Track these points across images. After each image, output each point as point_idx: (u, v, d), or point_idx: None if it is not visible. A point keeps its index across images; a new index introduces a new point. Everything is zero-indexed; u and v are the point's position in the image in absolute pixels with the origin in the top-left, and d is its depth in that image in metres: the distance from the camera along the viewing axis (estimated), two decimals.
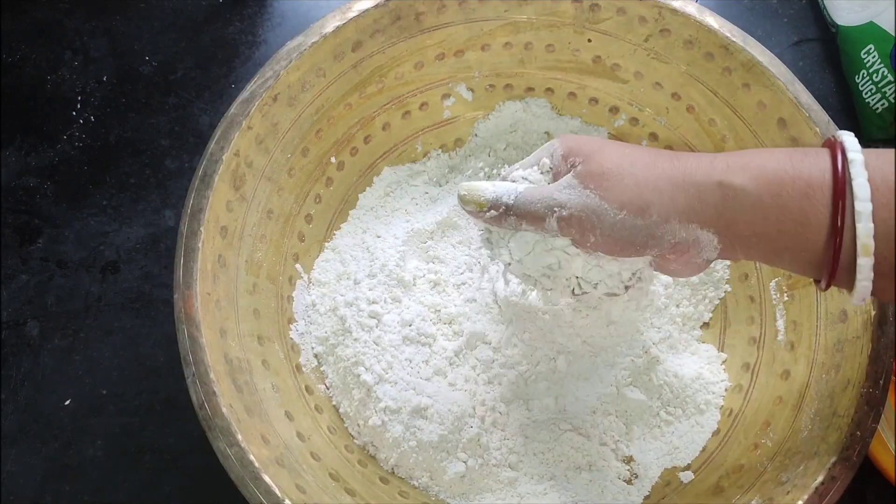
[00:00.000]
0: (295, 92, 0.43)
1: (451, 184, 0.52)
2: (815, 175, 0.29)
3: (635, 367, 0.45)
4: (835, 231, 0.29)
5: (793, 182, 0.29)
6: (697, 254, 0.32)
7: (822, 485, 0.35)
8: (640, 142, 0.52)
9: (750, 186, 0.30)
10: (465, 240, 0.49)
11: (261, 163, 0.43)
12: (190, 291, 0.36)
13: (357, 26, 0.44)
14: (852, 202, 0.28)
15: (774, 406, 0.42)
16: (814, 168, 0.29)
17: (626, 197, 0.32)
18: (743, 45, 0.43)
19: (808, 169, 0.29)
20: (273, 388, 0.40)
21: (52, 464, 0.47)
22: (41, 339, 0.50)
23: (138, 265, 0.52)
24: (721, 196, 0.31)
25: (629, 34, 0.46)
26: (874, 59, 0.55)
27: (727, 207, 0.31)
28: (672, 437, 0.45)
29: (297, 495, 0.34)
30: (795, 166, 0.30)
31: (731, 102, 0.45)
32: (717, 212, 0.31)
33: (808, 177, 0.29)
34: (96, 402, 0.48)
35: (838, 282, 0.30)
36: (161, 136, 0.56)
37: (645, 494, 0.43)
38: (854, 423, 0.36)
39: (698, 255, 0.32)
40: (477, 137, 0.53)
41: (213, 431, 0.34)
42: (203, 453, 0.35)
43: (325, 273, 0.48)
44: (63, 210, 0.54)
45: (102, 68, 0.59)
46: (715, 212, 0.31)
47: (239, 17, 0.61)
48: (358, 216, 0.50)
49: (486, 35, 0.48)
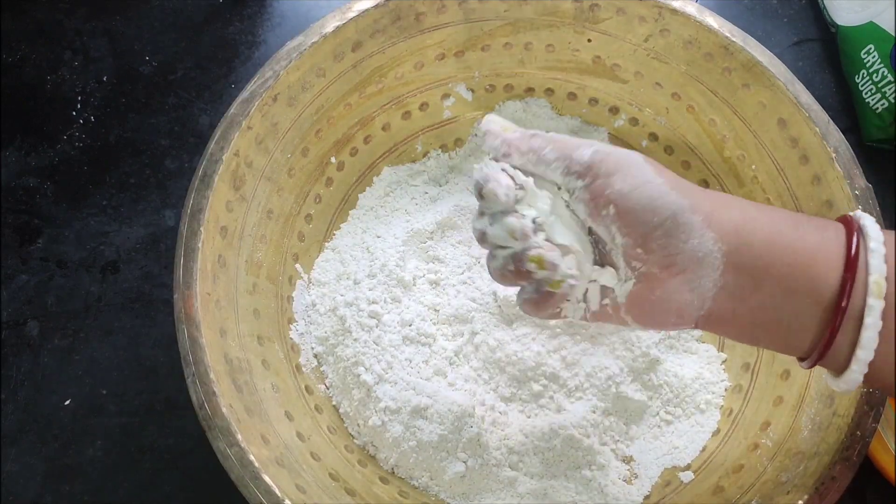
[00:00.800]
0: (295, 92, 0.43)
1: (451, 184, 0.52)
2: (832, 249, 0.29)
3: (635, 367, 0.45)
4: (831, 329, 0.28)
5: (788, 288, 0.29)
6: (694, 280, 0.30)
7: (822, 485, 0.35)
8: (639, 142, 0.52)
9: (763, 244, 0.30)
10: (465, 240, 0.49)
11: (261, 163, 0.43)
12: (190, 291, 0.36)
13: (357, 26, 0.44)
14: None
15: (774, 406, 0.42)
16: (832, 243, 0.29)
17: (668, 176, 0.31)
18: (743, 45, 0.43)
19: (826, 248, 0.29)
20: (273, 388, 0.40)
21: (52, 464, 0.47)
22: (41, 339, 0.50)
23: (138, 265, 0.52)
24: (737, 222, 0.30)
25: (629, 34, 0.46)
26: (874, 59, 0.55)
27: (742, 230, 0.30)
28: (672, 437, 0.45)
29: (297, 495, 0.34)
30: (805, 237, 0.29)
31: (731, 102, 0.45)
32: (734, 229, 0.30)
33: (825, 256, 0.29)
34: (96, 402, 0.48)
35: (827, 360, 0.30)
36: (161, 136, 0.56)
37: (645, 494, 0.43)
38: (854, 423, 0.36)
39: (691, 286, 0.30)
40: (477, 137, 0.53)
41: (213, 431, 0.34)
42: (203, 453, 0.35)
43: (325, 273, 0.48)
44: (63, 210, 0.54)
45: (102, 68, 0.59)
46: (732, 228, 0.30)
47: (239, 17, 0.61)
48: (358, 216, 0.50)
49: (486, 35, 0.48)
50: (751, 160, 0.46)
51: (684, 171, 0.51)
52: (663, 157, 0.51)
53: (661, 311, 0.31)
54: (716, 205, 0.30)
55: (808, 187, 0.42)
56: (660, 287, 0.31)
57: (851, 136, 0.55)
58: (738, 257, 0.30)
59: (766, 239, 0.30)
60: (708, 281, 0.30)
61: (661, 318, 0.32)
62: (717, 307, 0.30)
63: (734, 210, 0.30)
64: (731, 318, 0.31)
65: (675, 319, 0.31)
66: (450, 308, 0.46)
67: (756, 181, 0.46)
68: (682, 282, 0.30)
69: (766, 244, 0.30)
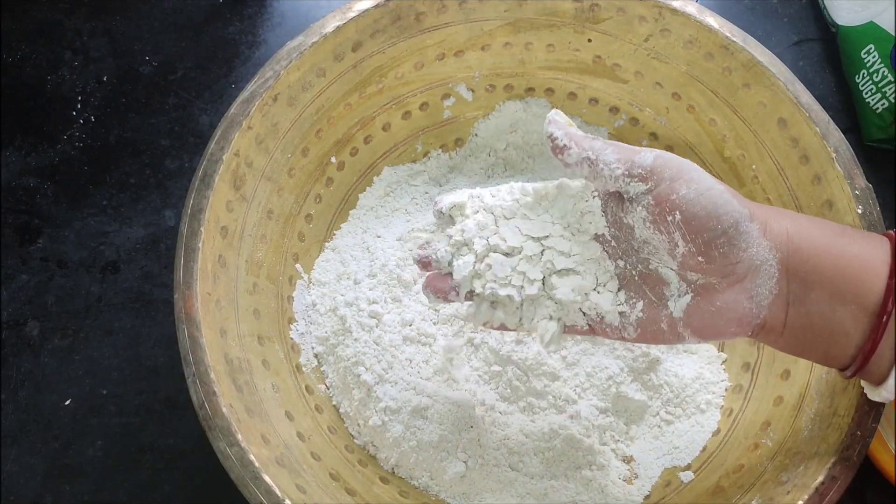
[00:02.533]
0: (295, 92, 0.43)
1: (451, 184, 0.52)
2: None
3: (635, 367, 0.45)
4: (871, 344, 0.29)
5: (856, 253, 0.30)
6: (752, 288, 0.31)
7: (822, 485, 0.35)
8: (640, 142, 0.52)
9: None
10: None
11: (261, 163, 0.43)
12: (190, 291, 0.36)
13: (357, 26, 0.44)
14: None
15: (774, 406, 0.42)
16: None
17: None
18: (743, 45, 0.43)
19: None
20: (273, 388, 0.40)
21: (52, 464, 0.47)
22: (41, 339, 0.50)
23: (138, 265, 0.52)
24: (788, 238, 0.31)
25: (629, 34, 0.46)
26: (874, 59, 0.55)
27: (794, 238, 0.31)
28: (672, 437, 0.45)
29: (297, 495, 0.34)
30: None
31: (732, 102, 0.45)
32: (788, 238, 0.31)
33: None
34: (96, 402, 0.48)
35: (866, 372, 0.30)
36: (161, 136, 0.56)
37: (645, 494, 0.43)
38: (854, 423, 0.36)
39: (749, 294, 0.31)
40: (477, 137, 0.53)
41: (213, 431, 0.34)
42: (203, 453, 0.36)
43: (326, 273, 0.48)
44: (63, 210, 0.54)
45: (102, 68, 0.59)
46: (785, 237, 0.31)
47: (239, 17, 0.61)
48: (358, 216, 0.50)
49: (486, 35, 0.48)
50: (751, 160, 0.46)
51: None
52: None
53: (722, 322, 0.32)
54: (769, 214, 0.31)
55: (808, 187, 0.42)
56: (720, 297, 0.31)
57: (851, 136, 0.55)
58: (791, 265, 0.31)
59: (816, 247, 0.30)
60: (764, 289, 0.31)
61: (722, 328, 0.32)
62: (772, 315, 0.31)
63: (785, 220, 0.31)
64: (782, 326, 0.31)
65: (735, 328, 0.32)
66: (450, 308, 0.46)
67: (756, 181, 0.46)
68: (740, 290, 0.31)
69: (816, 252, 0.30)
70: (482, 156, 0.53)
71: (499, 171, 0.52)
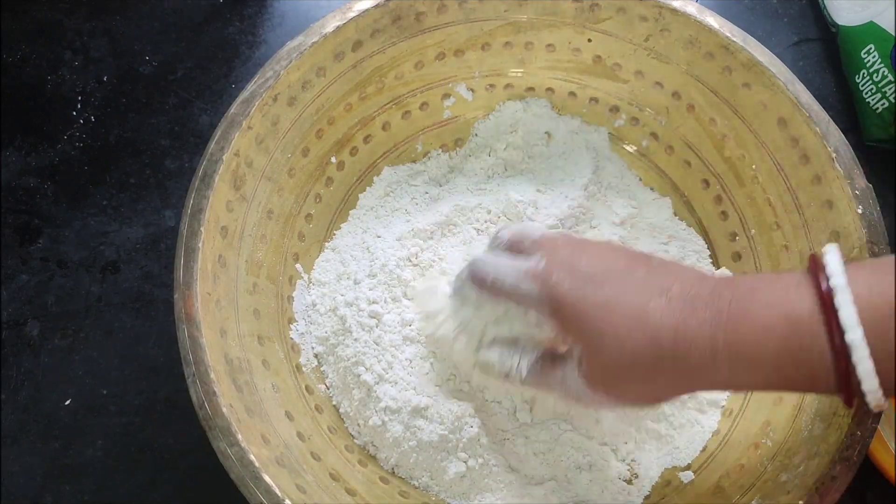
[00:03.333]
0: (295, 92, 0.43)
1: (451, 184, 0.52)
2: (815, 337, 0.28)
3: None
4: (838, 370, 0.28)
5: (796, 373, 0.29)
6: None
7: (822, 485, 0.35)
8: (640, 141, 0.52)
9: (759, 385, 0.31)
10: (465, 239, 0.49)
11: (261, 163, 0.43)
12: (190, 291, 0.36)
13: (357, 26, 0.44)
14: (842, 336, 0.27)
15: (774, 406, 0.42)
16: (812, 326, 0.28)
17: (640, 398, 0.33)
18: (743, 44, 0.43)
19: (807, 328, 0.28)
20: (273, 388, 0.40)
21: (52, 464, 0.47)
22: (41, 339, 0.50)
23: (138, 265, 0.52)
24: (727, 386, 0.32)
25: (629, 34, 0.46)
26: (874, 59, 0.55)
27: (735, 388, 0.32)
28: (672, 437, 0.45)
29: (297, 495, 0.34)
30: (796, 357, 0.29)
31: (732, 102, 0.45)
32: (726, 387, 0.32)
33: (809, 342, 0.28)
34: (96, 402, 0.48)
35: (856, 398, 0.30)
36: (161, 136, 0.56)
37: (645, 494, 0.43)
38: (854, 423, 0.36)
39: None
40: (477, 137, 0.53)
41: (213, 431, 0.34)
42: (203, 453, 0.35)
43: (326, 273, 0.48)
44: (63, 210, 0.54)
45: (102, 68, 0.59)
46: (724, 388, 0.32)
47: (239, 17, 0.61)
48: (358, 216, 0.50)
49: (486, 35, 0.48)
50: (751, 160, 0.46)
51: (684, 170, 0.51)
52: (663, 156, 0.51)
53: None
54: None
55: (808, 187, 0.42)
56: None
57: (851, 136, 0.55)
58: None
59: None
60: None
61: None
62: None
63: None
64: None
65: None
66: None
67: (756, 181, 0.46)
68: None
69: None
70: (482, 156, 0.53)
71: (499, 171, 0.52)
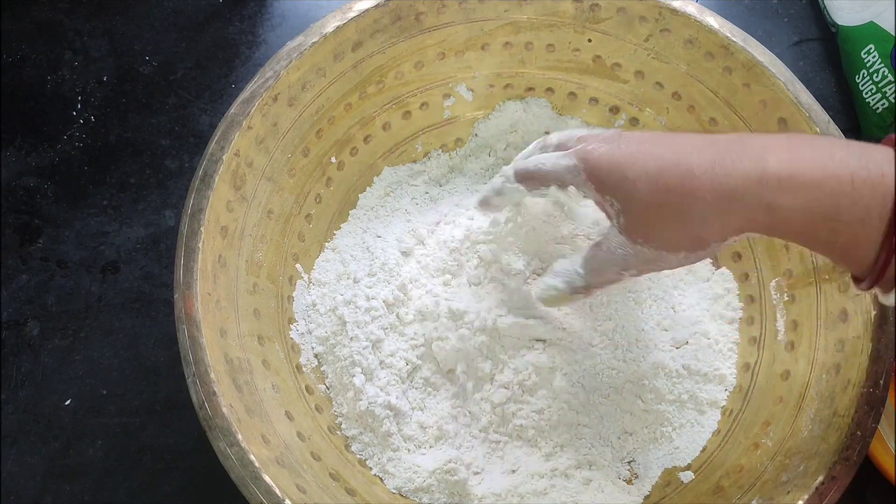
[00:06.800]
0: (295, 92, 0.43)
1: (451, 184, 0.52)
2: (874, 204, 0.27)
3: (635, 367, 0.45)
4: (887, 244, 0.27)
5: (849, 211, 0.28)
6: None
7: (822, 485, 0.35)
8: None
9: (802, 216, 0.29)
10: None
11: (261, 163, 0.43)
12: (190, 291, 0.36)
13: (357, 26, 0.44)
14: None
15: (774, 406, 0.42)
16: (875, 192, 0.27)
17: (679, 242, 0.32)
18: (743, 45, 0.43)
19: (870, 190, 0.27)
20: (273, 388, 0.40)
21: (52, 464, 0.47)
22: (41, 339, 0.50)
23: (138, 265, 0.52)
24: (770, 219, 0.30)
25: (629, 34, 0.46)
26: (874, 59, 0.55)
27: (776, 228, 0.30)
28: (672, 437, 0.45)
29: (297, 495, 0.34)
30: (856, 188, 0.27)
31: (732, 102, 0.45)
32: (767, 228, 0.30)
33: (867, 205, 0.27)
34: (96, 402, 0.48)
35: (882, 282, 0.29)
36: (161, 136, 0.56)
37: (645, 494, 0.43)
38: (854, 423, 0.36)
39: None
40: (477, 137, 0.53)
41: (214, 431, 0.34)
42: (203, 453, 0.36)
43: (326, 273, 0.48)
44: (63, 210, 0.54)
45: (102, 68, 0.59)
46: (764, 228, 0.30)
47: (239, 17, 0.61)
48: (358, 216, 0.50)
49: (486, 35, 0.48)
50: None
51: None
52: None
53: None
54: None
55: None
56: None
57: (851, 136, 0.55)
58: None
59: (808, 203, 0.29)
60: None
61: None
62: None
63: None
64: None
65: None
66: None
67: None
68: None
69: (808, 210, 0.29)
70: (482, 156, 0.53)
71: (499, 171, 0.52)
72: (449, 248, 0.46)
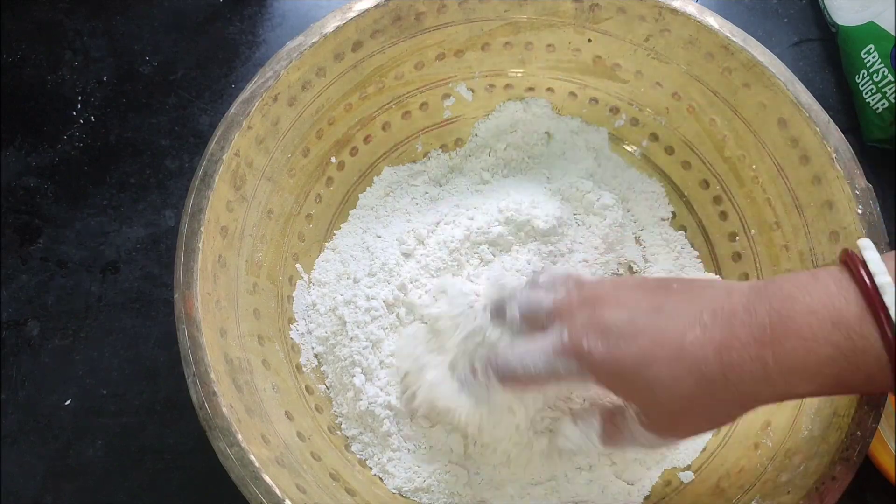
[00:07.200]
0: (295, 92, 0.43)
1: (451, 184, 0.52)
2: (867, 339, 0.28)
3: None
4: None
5: (854, 377, 0.29)
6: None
7: (822, 485, 0.35)
8: (640, 142, 0.52)
9: (815, 391, 0.30)
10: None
11: (261, 163, 0.43)
12: (190, 291, 0.36)
13: (357, 26, 0.44)
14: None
15: (774, 406, 0.42)
16: (868, 350, 0.28)
17: (703, 428, 0.34)
18: (743, 45, 0.43)
19: (862, 356, 0.28)
20: (273, 388, 0.40)
21: (52, 464, 0.47)
22: (41, 339, 0.50)
23: (138, 265, 0.52)
24: (789, 397, 0.31)
25: (629, 34, 0.46)
26: (874, 59, 0.55)
27: (797, 397, 0.31)
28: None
29: (297, 495, 0.34)
30: (851, 361, 0.28)
31: (732, 102, 0.45)
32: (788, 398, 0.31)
33: (862, 344, 0.28)
34: (96, 402, 0.48)
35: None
36: (161, 136, 0.56)
37: (645, 494, 0.43)
38: (854, 423, 0.36)
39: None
40: (477, 137, 0.53)
41: (213, 431, 0.34)
42: (203, 453, 0.35)
43: (326, 273, 0.48)
44: (63, 210, 0.54)
45: (102, 68, 0.59)
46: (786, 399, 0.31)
47: (239, 17, 0.61)
48: (358, 216, 0.50)
49: (486, 35, 0.48)
50: (751, 160, 0.46)
51: (684, 171, 0.51)
52: (663, 156, 0.51)
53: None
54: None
55: (808, 187, 0.42)
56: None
57: (851, 136, 0.55)
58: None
59: (815, 385, 0.30)
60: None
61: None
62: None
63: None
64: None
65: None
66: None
67: (756, 181, 0.46)
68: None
69: (815, 387, 0.30)
70: (482, 156, 0.53)
71: (499, 171, 0.52)
72: (449, 248, 0.46)
